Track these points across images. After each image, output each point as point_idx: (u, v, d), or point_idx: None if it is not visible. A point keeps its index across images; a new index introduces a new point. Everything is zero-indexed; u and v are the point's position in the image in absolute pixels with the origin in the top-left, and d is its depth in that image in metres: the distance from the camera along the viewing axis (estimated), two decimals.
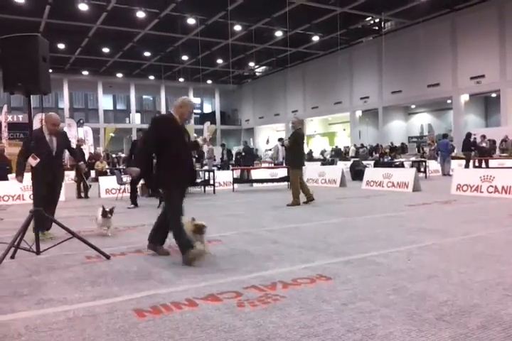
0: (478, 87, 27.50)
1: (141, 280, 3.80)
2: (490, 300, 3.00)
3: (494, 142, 20.66)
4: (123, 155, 28.04)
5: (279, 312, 2.88)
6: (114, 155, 28.80)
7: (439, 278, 3.55)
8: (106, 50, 34.38)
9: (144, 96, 48.55)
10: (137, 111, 47.17)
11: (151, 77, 44.77)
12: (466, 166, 17.47)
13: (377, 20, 32.14)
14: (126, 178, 11.52)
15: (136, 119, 46.58)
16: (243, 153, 16.83)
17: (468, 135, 18.65)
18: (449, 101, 30.18)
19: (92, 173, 18.52)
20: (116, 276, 3.94)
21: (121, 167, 20.63)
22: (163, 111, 47.62)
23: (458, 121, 28.83)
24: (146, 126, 41.51)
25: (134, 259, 4.61)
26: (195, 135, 9.82)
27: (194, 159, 21.30)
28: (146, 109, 48.81)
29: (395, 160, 18.57)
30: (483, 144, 18.40)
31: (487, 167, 16.78)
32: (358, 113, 36.30)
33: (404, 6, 27.06)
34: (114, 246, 5.23)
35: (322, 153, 35.68)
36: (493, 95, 28.98)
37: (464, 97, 28.95)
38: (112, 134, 37.28)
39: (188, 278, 3.78)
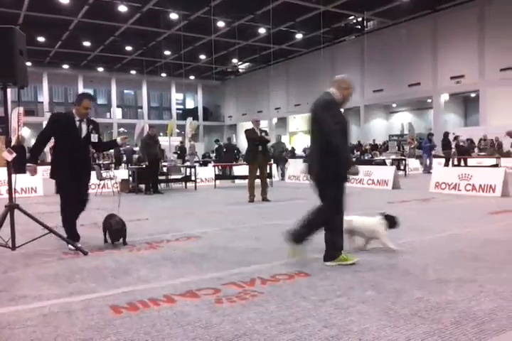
0: (458, 86, 27.94)
1: (118, 276, 3.77)
2: (464, 297, 3.06)
3: (472, 141, 21.02)
4: None
5: (256, 309, 2.89)
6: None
7: (416, 275, 3.61)
8: (87, 43, 33.81)
9: (126, 91, 47.91)
10: (118, 106, 46.55)
11: (133, 72, 44.26)
12: (446, 165, 17.75)
13: (359, 20, 32.35)
14: (105, 174, 11.40)
15: (117, 114, 46.01)
16: (224, 149, 16.80)
17: (446, 134, 18.96)
18: (429, 101, 30.60)
19: None
20: (93, 272, 3.90)
21: (101, 162, 20.40)
22: (145, 106, 47.23)
23: (438, 120, 29.25)
24: (127, 121, 40.73)
25: (112, 255, 4.57)
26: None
27: (176, 155, 21.19)
28: (127, 103, 48.23)
29: (376, 158, 18.74)
30: (461, 143, 18.71)
31: (466, 165, 17.08)
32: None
33: (386, 6, 27.29)
34: (92, 242, 5.16)
35: (304, 150, 35.82)
36: (473, 95, 29.47)
37: (444, 97, 29.39)
38: None
39: (166, 275, 3.76)
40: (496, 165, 15.94)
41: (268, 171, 11.02)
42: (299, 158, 29.75)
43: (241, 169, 14.65)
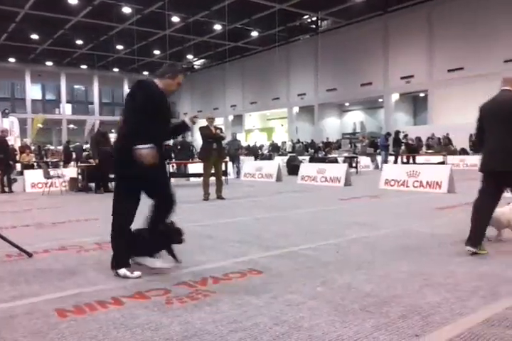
0: (408, 86, 28.92)
1: (65, 278, 3.62)
2: (411, 290, 3.15)
3: (420, 139, 21.84)
4: (51, 147, 26.64)
5: (208, 308, 2.85)
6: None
7: (365, 270, 3.68)
8: (35, 36, 32.42)
9: (76, 86, 46.36)
10: (68, 102, 44.95)
11: (83, 67, 42.86)
12: (395, 162, 18.36)
13: (314, 19, 32.83)
14: (53, 172, 10.98)
15: (66, 110, 44.44)
16: (179, 147, 16.59)
17: (397, 132, 19.67)
18: (380, 100, 31.50)
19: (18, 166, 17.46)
20: (39, 275, 3.74)
21: (48, 160, 19.65)
22: (96, 101, 45.86)
23: (388, 119, 30.16)
24: (77, 117, 39.41)
25: (59, 257, 4.39)
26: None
27: None
28: (77, 99, 46.66)
29: (329, 155, 19.11)
30: (410, 141, 19.44)
31: (414, 163, 17.73)
32: (295, 109, 36.95)
33: (340, 6, 27.83)
34: (38, 244, 4.94)
35: (260, 148, 36.00)
36: (422, 95, 30.58)
37: (395, 96, 30.34)
38: (40, 125, 35.26)
39: (115, 277, 3.65)
40: (443, 163, 16.64)
41: (223, 169, 10.99)
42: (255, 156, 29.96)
43: (196, 167, 14.51)
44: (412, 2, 27.50)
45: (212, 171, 9.20)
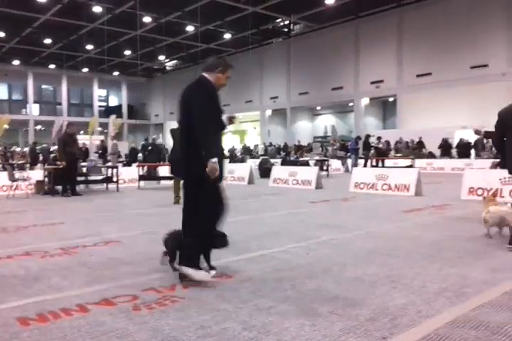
0: (378, 91, 29.45)
1: (28, 285, 3.50)
2: (379, 292, 3.18)
3: (389, 143, 22.26)
4: (17, 149, 25.87)
5: (176, 314, 2.81)
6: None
7: (334, 272, 3.71)
8: (1, 34, 31.46)
9: (44, 86, 45.21)
10: (35, 102, 43.79)
11: (52, 66, 41.86)
12: (365, 165, 18.64)
13: (286, 23, 33.05)
14: (18, 174, 10.65)
15: (33, 110, 43.28)
16: (150, 147, 16.41)
17: (367, 136, 20.00)
18: (351, 104, 31.97)
19: None
20: (1, 282, 3.61)
21: (14, 162, 19.07)
22: (64, 102, 44.87)
23: (358, 123, 30.64)
24: (44, 118, 38.24)
25: (22, 263, 4.24)
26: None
27: (97, 154, 20.31)
28: (45, 99, 45.52)
29: (301, 158, 19.24)
30: (381, 145, 19.79)
31: (383, 166, 18.04)
32: (268, 112, 37.08)
33: (312, 10, 28.10)
34: (1, 249, 4.77)
35: (232, 150, 35.94)
36: (391, 99, 31.20)
37: (365, 101, 30.85)
38: (5, 126, 34.19)
39: (80, 282, 3.56)
40: (411, 166, 16.98)
41: None
42: (227, 159, 29.89)
43: (167, 169, 14.35)
44: (382, 8, 28.05)
45: None
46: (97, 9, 26.70)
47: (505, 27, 23.49)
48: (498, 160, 6.75)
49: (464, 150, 21.97)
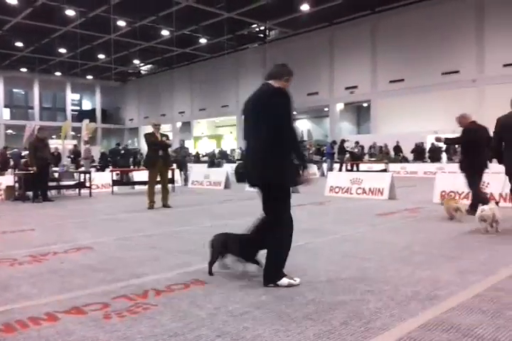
0: (352, 96, 29.88)
1: None
2: (353, 296, 3.19)
3: (363, 148, 22.57)
4: None
5: (148, 322, 2.75)
6: None
7: (309, 277, 3.71)
8: None
9: (15, 90, 44.24)
10: (6, 106, 42.78)
11: (24, 70, 40.99)
12: (340, 169, 18.83)
13: (262, 28, 33.23)
14: None
15: (4, 115, 42.24)
16: (123, 151, 16.22)
17: (342, 141, 20.24)
18: (326, 109, 32.32)
19: None
20: None
21: None
22: (36, 106, 43.97)
23: (333, 128, 30.99)
24: (16, 122, 37.38)
25: None
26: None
27: (69, 159, 19.92)
28: (16, 103, 44.49)
29: None
30: (356, 150, 20.06)
31: (358, 170, 18.26)
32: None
33: (287, 16, 28.34)
34: None
35: (209, 155, 35.78)
36: (365, 105, 31.67)
37: (339, 106, 31.24)
38: None
39: (50, 290, 3.46)
40: (385, 170, 17.23)
41: (170, 176, 10.79)
42: (204, 163, 29.75)
43: (141, 174, 14.19)
44: (356, 15, 28.51)
45: (158, 179, 9.00)
46: (70, 13, 26.30)
47: (475, 35, 24.20)
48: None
49: (435, 154, 22.46)
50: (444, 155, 22.55)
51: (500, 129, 5.65)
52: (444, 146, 22.12)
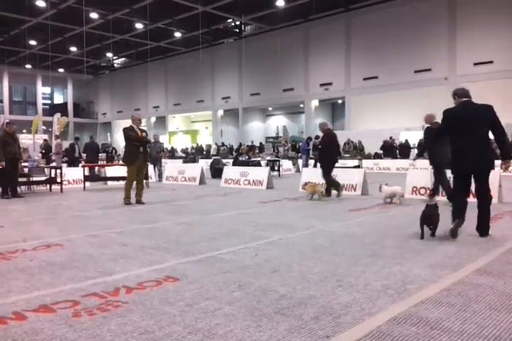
0: (327, 93, 30.10)
1: None
2: (324, 291, 3.23)
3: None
4: None
5: (119, 320, 2.72)
6: None
7: (281, 272, 3.73)
8: None
9: None
10: None
11: None
12: (315, 166, 18.95)
13: (238, 23, 33.10)
14: None
15: None
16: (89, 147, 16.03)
17: (318, 137, 20.36)
18: (301, 106, 32.49)
19: None
20: None
21: None
22: (5, 99, 42.76)
23: (309, 124, 31.18)
24: None
25: None
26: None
27: (41, 154, 19.41)
28: None
29: (252, 159, 19.30)
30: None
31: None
32: (220, 112, 36.99)
33: (263, 12, 28.31)
34: None
35: (184, 150, 35.57)
36: (339, 101, 31.97)
37: (315, 102, 31.44)
38: None
39: (18, 289, 3.37)
40: (358, 166, 17.46)
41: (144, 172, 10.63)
42: (179, 159, 29.52)
43: (114, 170, 13.98)
44: (331, 12, 28.68)
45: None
46: (41, 3, 25.63)
47: (447, 34, 24.69)
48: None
49: (405, 150, 22.86)
50: (414, 152, 22.93)
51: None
52: (416, 143, 22.49)
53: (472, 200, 5.29)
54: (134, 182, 8.86)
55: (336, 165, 9.91)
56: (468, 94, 5.26)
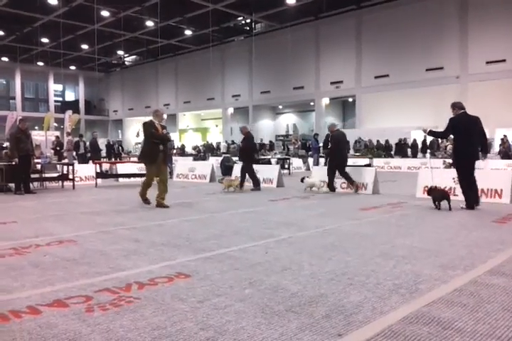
0: (337, 91, 29.97)
1: None
2: (335, 290, 3.23)
3: (348, 142, 22.66)
4: None
5: (131, 315, 2.75)
6: None
7: (292, 270, 3.73)
8: None
9: None
10: None
11: (5, 59, 40.21)
12: (325, 164, 18.88)
13: (248, 21, 33.07)
14: None
15: None
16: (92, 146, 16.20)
17: (327, 135, 20.29)
18: (312, 104, 32.38)
19: None
20: None
21: None
22: (18, 96, 43.20)
23: (319, 122, 31.09)
24: None
25: None
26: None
27: (53, 151, 19.62)
28: None
29: (262, 157, 19.30)
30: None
31: None
32: (230, 110, 37.01)
33: (273, 10, 28.23)
34: None
35: (194, 148, 35.64)
36: (350, 99, 31.82)
37: (325, 100, 31.32)
38: None
39: (32, 284, 3.42)
40: (369, 165, 17.36)
41: None
42: (189, 156, 29.57)
43: (126, 167, 14.08)
44: (342, 10, 28.53)
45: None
46: (53, 1, 25.83)
47: (459, 32, 24.43)
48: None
49: (416, 150, 22.73)
50: (427, 150, 22.77)
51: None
52: (428, 141, 22.34)
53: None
54: (154, 182, 8.23)
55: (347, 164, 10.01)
56: (463, 107, 7.30)
